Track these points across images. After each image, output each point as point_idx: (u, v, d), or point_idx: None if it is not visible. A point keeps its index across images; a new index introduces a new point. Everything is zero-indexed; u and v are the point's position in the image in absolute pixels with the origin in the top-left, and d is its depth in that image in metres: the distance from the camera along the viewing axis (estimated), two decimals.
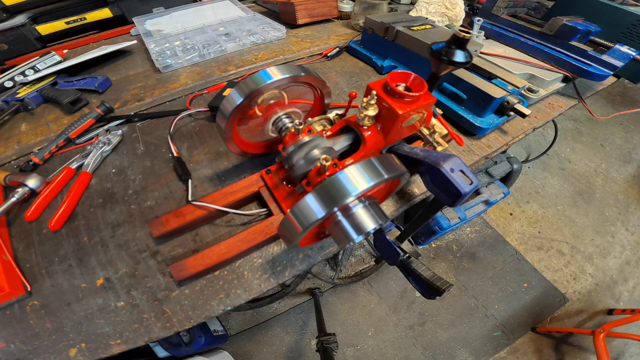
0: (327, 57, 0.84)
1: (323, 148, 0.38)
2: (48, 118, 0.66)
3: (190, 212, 0.43)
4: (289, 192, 0.44)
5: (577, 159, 2.06)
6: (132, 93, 0.72)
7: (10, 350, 0.36)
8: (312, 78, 0.41)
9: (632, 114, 2.30)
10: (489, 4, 0.87)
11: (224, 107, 0.40)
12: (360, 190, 0.26)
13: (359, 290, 1.45)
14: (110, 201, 0.49)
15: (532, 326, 1.34)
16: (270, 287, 0.41)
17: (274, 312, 1.38)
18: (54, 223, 0.45)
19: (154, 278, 0.41)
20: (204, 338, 1.00)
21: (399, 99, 0.37)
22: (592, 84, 0.78)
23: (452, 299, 1.42)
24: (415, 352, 1.30)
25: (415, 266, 0.33)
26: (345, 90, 0.72)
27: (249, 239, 0.41)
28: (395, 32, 0.72)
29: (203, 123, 0.62)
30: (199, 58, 0.83)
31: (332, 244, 0.44)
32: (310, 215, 0.27)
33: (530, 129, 0.64)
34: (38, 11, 0.89)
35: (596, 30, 0.74)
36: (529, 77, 0.71)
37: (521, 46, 0.80)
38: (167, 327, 0.37)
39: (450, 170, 0.28)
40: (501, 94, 0.56)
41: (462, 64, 0.39)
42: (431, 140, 0.45)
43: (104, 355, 0.36)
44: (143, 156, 0.56)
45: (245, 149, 0.49)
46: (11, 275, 0.40)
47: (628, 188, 1.88)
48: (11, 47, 0.86)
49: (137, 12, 1.00)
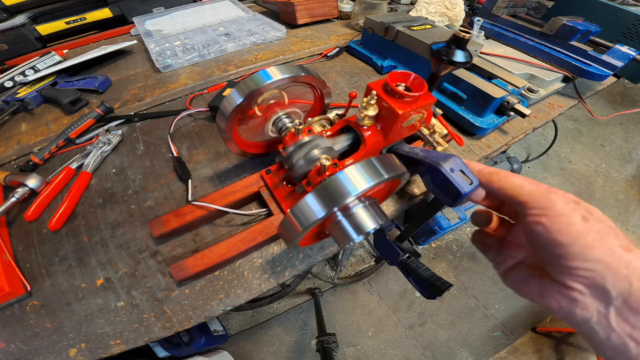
0: (327, 57, 0.84)
1: (323, 148, 0.38)
2: (48, 118, 0.66)
3: (190, 212, 0.43)
4: (289, 192, 0.44)
5: (577, 159, 2.06)
6: (132, 93, 0.72)
7: (10, 350, 0.36)
8: (312, 78, 0.41)
9: (632, 114, 2.30)
10: (489, 4, 0.87)
11: (224, 107, 0.40)
12: (360, 190, 0.26)
13: (359, 290, 1.45)
14: (110, 201, 0.49)
15: (532, 326, 1.34)
16: (270, 287, 0.41)
17: (274, 312, 1.38)
18: (54, 223, 0.45)
19: (154, 278, 0.41)
20: (204, 338, 1.00)
21: (399, 99, 0.37)
22: (592, 84, 0.78)
23: (452, 299, 1.42)
24: (415, 352, 1.30)
25: (415, 266, 0.33)
26: (345, 90, 0.72)
27: (249, 239, 0.41)
28: (395, 32, 0.72)
29: (203, 123, 0.62)
30: (199, 58, 0.83)
31: (332, 244, 0.44)
32: (310, 215, 0.27)
33: (530, 129, 0.64)
34: (38, 11, 0.89)
35: (596, 30, 0.74)
36: (529, 77, 0.71)
37: (521, 46, 0.80)
38: (167, 327, 0.37)
39: (450, 170, 0.28)
40: (501, 94, 0.56)
41: (462, 64, 0.39)
42: (431, 140, 0.45)
43: (104, 355, 0.36)
44: (143, 156, 0.56)
45: (245, 149, 0.49)
46: (11, 275, 0.40)
47: (628, 188, 1.88)
48: (11, 47, 0.86)
49: (137, 12, 1.00)
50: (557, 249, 0.22)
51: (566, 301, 0.22)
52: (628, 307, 0.20)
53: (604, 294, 0.21)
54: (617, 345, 0.20)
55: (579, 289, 0.21)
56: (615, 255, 0.21)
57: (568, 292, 0.22)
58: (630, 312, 0.20)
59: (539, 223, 0.23)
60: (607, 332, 0.21)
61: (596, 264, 0.21)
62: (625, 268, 0.20)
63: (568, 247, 0.21)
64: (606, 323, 0.20)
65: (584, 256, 0.21)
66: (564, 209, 0.22)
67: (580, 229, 0.21)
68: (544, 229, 0.22)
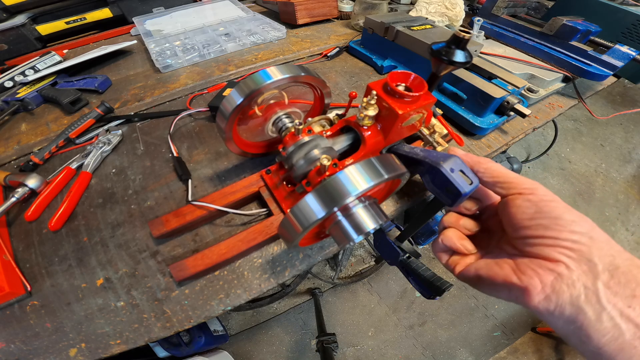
0: (327, 57, 0.84)
1: (323, 148, 0.38)
2: (48, 118, 0.66)
3: (190, 212, 0.43)
4: (289, 192, 0.44)
5: (577, 159, 2.06)
6: (132, 93, 0.72)
7: (10, 350, 0.36)
8: (312, 78, 0.41)
9: (632, 114, 2.30)
10: (489, 4, 0.87)
11: (224, 107, 0.40)
12: (360, 190, 0.26)
13: (359, 290, 1.45)
14: (110, 201, 0.49)
15: (532, 326, 1.34)
16: (270, 287, 0.41)
17: (274, 312, 1.38)
18: (54, 223, 0.45)
19: (154, 278, 0.41)
20: (204, 338, 1.00)
21: (399, 99, 0.37)
22: (592, 84, 0.78)
23: (452, 299, 1.42)
24: (415, 352, 1.30)
25: (415, 266, 0.33)
26: (345, 90, 0.72)
27: (249, 239, 0.41)
28: (395, 32, 0.72)
29: (203, 123, 0.62)
30: (199, 58, 0.83)
31: (332, 244, 0.44)
32: (310, 215, 0.27)
33: (530, 129, 0.64)
34: (38, 11, 0.89)
35: (596, 30, 0.74)
36: (529, 77, 0.71)
37: (521, 46, 0.80)
38: (167, 327, 0.37)
39: (450, 170, 0.28)
40: (501, 94, 0.56)
41: (462, 64, 0.39)
42: (431, 140, 0.45)
43: (104, 355, 0.36)
44: (143, 156, 0.56)
45: (245, 149, 0.49)
46: (11, 275, 0.40)
47: (628, 188, 1.88)
48: (11, 47, 0.86)
49: (137, 12, 1.00)
50: (545, 221, 0.22)
51: (551, 276, 0.21)
52: (616, 282, 0.19)
53: (590, 267, 0.20)
54: (608, 328, 0.19)
55: (565, 261, 0.21)
56: (596, 230, 0.22)
57: (554, 266, 0.21)
58: (619, 286, 0.19)
59: (528, 199, 0.24)
60: (597, 312, 0.19)
61: (582, 236, 0.21)
62: (606, 244, 0.21)
63: (555, 219, 0.22)
64: (595, 299, 0.19)
65: (570, 228, 0.22)
66: (547, 194, 0.24)
67: (564, 207, 0.23)
68: (531, 204, 0.24)
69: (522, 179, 0.26)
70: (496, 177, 0.27)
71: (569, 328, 0.20)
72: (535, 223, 0.23)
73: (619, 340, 0.18)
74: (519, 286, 0.22)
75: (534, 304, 0.21)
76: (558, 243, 0.21)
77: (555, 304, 0.20)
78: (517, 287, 0.22)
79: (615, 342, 0.19)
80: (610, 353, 0.19)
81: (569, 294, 0.20)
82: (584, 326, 0.20)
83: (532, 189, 0.25)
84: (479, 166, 0.29)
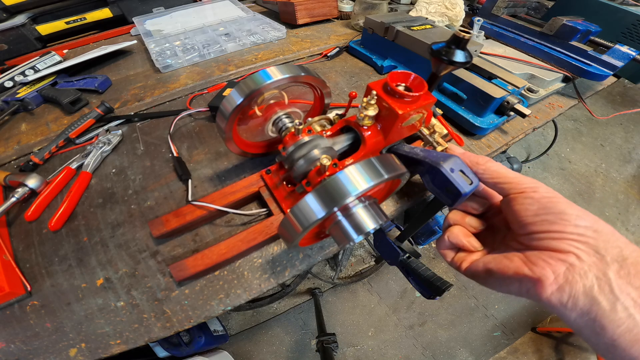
0: (327, 57, 0.84)
1: (323, 148, 0.38)
2: (48, 118, 0.66)
3: (190, 212, 0.43)
4: (289, 192, 0.44)
5: (577, 159, 2.06)
6: (132, 93, 0.72)
7: (10, 350, 0.36)
8: (312, 78, 0.41)
9: (632, 114, 2.31)
10: (489, 4, 0.87)
11: (224, 107, 0.40)
12: (360, 190, 0.26)
13: (359, 290, 1.45)
14: (110, 201, 0.49)
15: (532, 326, 1.34)
16: (270, 287, 0.41)
17: (274, 312, 1.38)
18: (54, 223, 0.45)
19: (154, 278, 0.41)
20: (204, 338, 1.00)
21: (399, 99, 0.37)
22: (592, 84, 0.78)
23: (452, 299, 1.42)
24: (415, 352, 1.30)
25: (415, 266, 0.33)
26: (345, 90, 0.72)
27: (249, 239, 0.41)
28: (395, 32, 0.72)
29: (203, 123, 0.62)
30: (199, 58, 0.83)
31: (332, 244, 0.44)
32: (310, 215, 0.27)
33: (530, 129, 0.64)
34: (38, 11, 0.89)
35: (596, 30, 0.74)
36: (529, 77, 0.71)
37: (521, 46, 0.80)
38: (167, 327, 0.37)
39: (450, 170, 0.28)
40: (501, 94, 0.56)
41: (462, 64, 0.39)
42: (431, 140, 0.45)
43: (104, 355, 0.36)
44: (143, 156, 0.56)
45: (245, 149, 0.49)
46: (11, 275, 0.39)
47: (628, 188, 1.88)
48: (11, 47, 0.86)
49: (137, 12, 1.00)
50: (549, 217, 0.23)
51: (563, 266, 0.21)
52: (626, 272, 0.19)
53: (599, 257, 0.20)
54: (623, 319, 0.18)
55: (575, 252, 0.21)
56: (600, 223, 0.22)
57: (565, 257, 0.21)
58: (629, 276, 0.19)
59: (530, 197, 0.24)
60: (611, 302, 0.19)
61: (587, 229, 0.21)
62: (612, 235, 0.21)
63: (560, 214, 0.23)
64: (608, 289, 0.19)
65: (575, 222, 0.22)
66: (548, 191, 0.25)
67: (566, 203, 0.23)
68: (534, 201, 0.24)
69: (522, 177, 0.26)
70: (496, 177, 0.27)
71: (582, 320, 0.20)
72: (540, 219, 0.23)
73: (634, 331, 0.18)
74: (531, 277, 0.21)
75: (547, 296, 0.21)
76: (565, 236, 0.22)
77: (569, 295, 0.20)
78: (529, 278, 0.22)
79: (630, 333, 0.18)
80: (625, 345, 0.18)
81: (582, 284, 0.20)
82: (598, 317, 0.19)
83: (534, 187, 0.25)
84: (479, 167, 0.29)
